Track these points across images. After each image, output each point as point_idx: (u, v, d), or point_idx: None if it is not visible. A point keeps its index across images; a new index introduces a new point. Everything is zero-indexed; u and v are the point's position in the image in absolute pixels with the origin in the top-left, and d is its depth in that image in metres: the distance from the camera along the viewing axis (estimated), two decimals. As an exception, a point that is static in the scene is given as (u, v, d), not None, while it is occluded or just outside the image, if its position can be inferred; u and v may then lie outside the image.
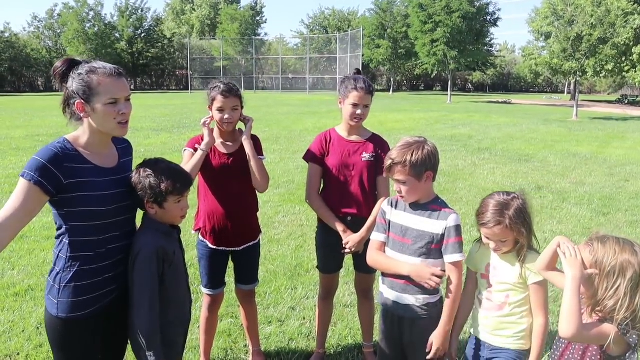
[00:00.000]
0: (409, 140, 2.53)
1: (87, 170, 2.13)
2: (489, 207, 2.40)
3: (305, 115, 24.77)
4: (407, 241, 2.55)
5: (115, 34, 65.29)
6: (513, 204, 2.37)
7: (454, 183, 9.78)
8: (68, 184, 2.06)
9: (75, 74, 2.15)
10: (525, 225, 2.36)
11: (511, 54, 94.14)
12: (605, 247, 1.97)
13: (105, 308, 2.24)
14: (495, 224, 2.35)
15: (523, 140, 16.22)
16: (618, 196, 8.90)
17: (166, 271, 2.27)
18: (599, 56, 25.00)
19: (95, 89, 2.12)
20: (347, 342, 3.90)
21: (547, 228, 6.96)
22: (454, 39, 43.21)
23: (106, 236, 2.19)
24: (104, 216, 2.16)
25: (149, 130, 17.30)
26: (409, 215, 2.58)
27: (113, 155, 2.31)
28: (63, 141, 2.15)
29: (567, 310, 1.90)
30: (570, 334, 1.90)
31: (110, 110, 2.13)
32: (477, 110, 30.72)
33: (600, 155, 13.36)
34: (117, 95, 2.14)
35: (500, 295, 2.47)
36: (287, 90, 58.95)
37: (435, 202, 2.58)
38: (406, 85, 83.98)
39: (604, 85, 75.98)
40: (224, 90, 3.04)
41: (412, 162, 2.45)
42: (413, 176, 2.48)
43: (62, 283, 2.15)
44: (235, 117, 3.10)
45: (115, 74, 2.17)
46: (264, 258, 5.68)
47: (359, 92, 3.15)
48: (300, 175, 9.99)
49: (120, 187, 2.24)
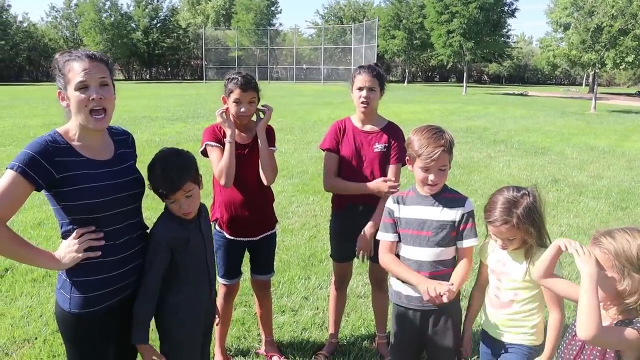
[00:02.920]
0: (434, 128, 2.49)
1: (79, 163, 2.06)
2: (497, 204, 2.33)
3: (319, 105, 24.71)
4: (427, 233, 2.50)
5: (132, 24, 65.67)
6: (522, 201, 2.29)
7: (469, 175, 9.71)
8: (61, 178, 2.00)
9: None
10: (534, 224, 2.29)
11: (528, 45, 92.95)
12: (616, 240, 1.86)
13: (121, 303, 2.21)
14: (502, 222, 2.29)
15: (539, 133, 16.03)
16: (637, 190, 8.77)
17: (178, 257, 2.32)
18: (619, 48, 24.53)
19: (67, 74, 2.03)
20: (360, 333, 3.90)
21: (564, 222, 6.88)
22: (471, 29, 42.66)
23: (110, 229, 2.13)
24: (102, 209, 2.08)
25: (163, 120, 17.39)
26: (425, 208, 2.53)
27: (108, 147, 2.22)
28: (54, 134, 2.07)
29: (585, 311, 1.76)
30: (591, 335, 1.76)
31: (79, 96, 2.01)
32: (493, 102, 30.41)
33: (619, 149, 13.17)
34: (84, 78, 2.00)
35: (509, 293, 2.42)
36: (302, 81, 58.78)
37: (446, 191, 2.55)
38: (421, 76, 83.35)
39: (624, 77, 74.83)
40: (242, 84, 3.00)
41: (452, 144, 2.47)
42: (449, 162, 2.48)
43: (73, 278, 2.11)
44: (251, 110, 3.08)
45: (86, 56, 2.04)
46: (278, 248, 5.68)
47: (362, 74, 3.16)
48: (314, 166, 9.98)
49: (118, 178, 2.15)
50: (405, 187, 2.74)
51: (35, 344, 3.68)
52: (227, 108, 3.07)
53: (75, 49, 2.19)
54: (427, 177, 2.45)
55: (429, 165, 2.42)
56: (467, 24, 42.33)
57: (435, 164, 2.41)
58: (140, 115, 18.72)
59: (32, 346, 3.65)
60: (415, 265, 2.53)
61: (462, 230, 2.48)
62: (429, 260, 2.51)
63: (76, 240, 2.06)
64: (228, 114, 3.07)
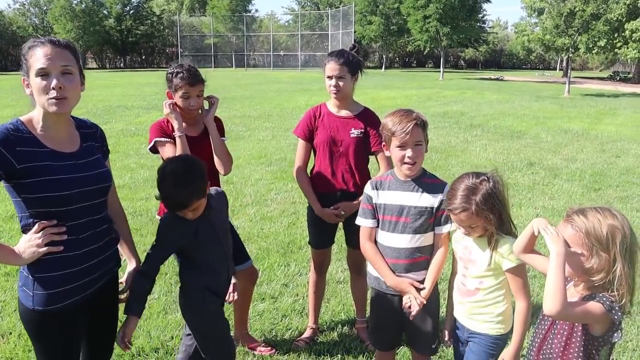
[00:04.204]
0: (408, 108, 2.50)
1: (41, 154, 1.97)
2: (457, 191, 2.27)
3: (297, 92, 24.59)
4: (405, 220, 2.47)
5: (103, 10, 64.22)
6: (481, 188, 2.23)
7: (447, 160, 9.78)
8: (22, 169, 1.91)
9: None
10: (493, 210, 2.23)
11: (504, 30, 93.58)
12: (587, 218, 1.89)
13: (87, 299, 2.15)
14: (461, 210, 2.24)
15: (515, 117, 16.21)
16: (609, 172, 8.94)
17: (189, 249, 2.45)
18: (591, 32, 24.86)
19: (29, 60, 1.95)
20: (340, 318, 3.92)
21: (539, 204, 6.98)
22: (447, 15, 42.74)
23: (73, 223, 2.04)
24: (65, 202, 1.99)
25: (139, 109, 17.13)
26: (403, 194, 2.49)
27: (73, 139, 2.13)
28: (16, 122, 1.99)
29: (552, 287, 1.82)
30: (555, 311, 1.81)
31: (40, 82, 1.93)
32: (470, 87, 30.62)
33: (592, 132, 13.39)
34: (45, 65, 1.92)
35: (474, 281, 2.39)
36: (279, 68, 58.35)
37: (425, 175, 2.53)
38: (398, 62, 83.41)
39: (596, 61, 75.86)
40: (190, 79, 2.96)
41: (426, 122, 2.47)
42: (424, 139, 2.46)
43: (35, 274, 2.03)
44: (200, 102, 3.06)
45: (49, 42, 1.96)
46: (257, 235, 5.69)
47: (329, 63, 3.15)
48: (292, 153, 9.92)
49: (82, 171, 2.06)
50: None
51: (9, 338, 3.61)
52: (174, 103, 3.01)
53: (45, 37, 2.09)
54: (404, 155, 2.42)
55: (405, 140, 2.39)
56: (443, 9, 42.38)
57: (410, 138, 2.38)
58: (115, 104, 18.40)
59: (7, 341, 3.59)
60: (393, 253, 2.51)
61: (440, 216, 2.47)
62: (407, 247, 2.48)
63: (37, 235, 1.98)
64: (175, 107, 3.01)
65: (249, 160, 9.53)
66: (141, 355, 3.41)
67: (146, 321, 3.80)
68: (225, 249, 2.57)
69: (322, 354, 3.45)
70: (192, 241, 2.42)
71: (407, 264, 2.50)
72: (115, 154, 9.59)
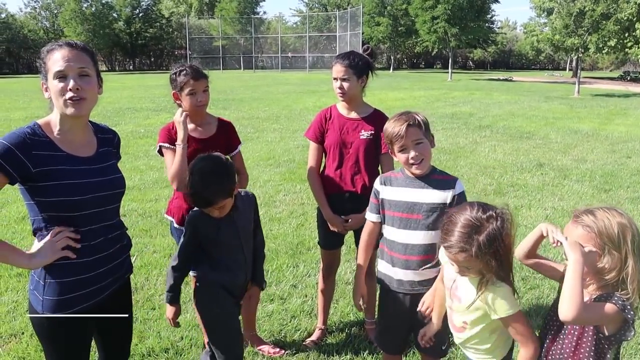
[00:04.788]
0: (402, 111, 2.50)
1: (57, 158, 1.98)
2: (456, 225, 1.95)
3: (305, 94, 24.62)
4: (417, 217, 2.45)
5: (113, 13, 64.66)
6: (487, 226, 1.92)
7: (455, 161, 9.75)
8: (37, 173, 1.92)
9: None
10: (496, 255, 1.93)
11: (512, 30, 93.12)
12: (597, 217, 1.86)
13: (98, 305, 2.14)
14: (458, 250, 1.94)
15: (524, 118, 16.13)
16: (619, 173, 8.87)
17: (207, 245, 2.53)
18: (601, 32, 24.69)
19: (47, 64, 1.98)
20: (349, 319, 3.92)
21: (549, 205, 6.95)
22: (455, 15, 42.63)
23: (86, 229, 2.04)
24: (79, 207, 2.00)
25: (148, 111, 17.23)
26: (413, 190, 2.47)
27: (90, 144, 2.14)
28: (33, 125, 2.00)
29: (570, 294, 1.78)
30: (572, 317, 1.77)
31: (57, 85, 1.95)
32: (478, 88, 30.50)
33: (602, 132, 13.29)
34: (62, 68, 1.94)
35: (458, 318, 2.19)
36: (287, 69, 58.43)
37: (434, 172, 2.51)
38: (406, 63, 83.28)
39: (606, 61, 75.37)
40: (194, 75, 2.98)
41: (423, 120, 2.44)
42: (426, 136, 2.43)
43: (46, 279, 2.03)
44: (206, 99, 3.06)
45: (66, 45, 1.99)
46: (266, 237, 5.67)
47: (335, 65, 3.18)
48: (300, 154, 9.96)
49: (97, 176, 2.07)
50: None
51: (22, 338, 3.65)
52: (186, 113, 3.01)
53: (56, 39, 2.10)
54: (407, 157, 2.41)
55: (403, 143, 2.39)
56: (451, 10, 42.28)
57: (407, 139, 2.38)
58: (125, 106, 18.52)
59: (19, 341, 3.62)
60: (404, 249, 2.48)
61: None
62: (420, 243, 2.45)
63: (53, 239, 1.98)
64: (187, 119, 3.02)
65: (257, 161, 9.55)
66: (151, 356, 3.43)
67: (156, 322, 3.82)
68: (246, 251, 2.59)
69: (330, 355, 3.45)
70: (213, 239, 2.48)
71: (420, 260, 2.46)
72: (124, 156, 9.59)
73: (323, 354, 3.46)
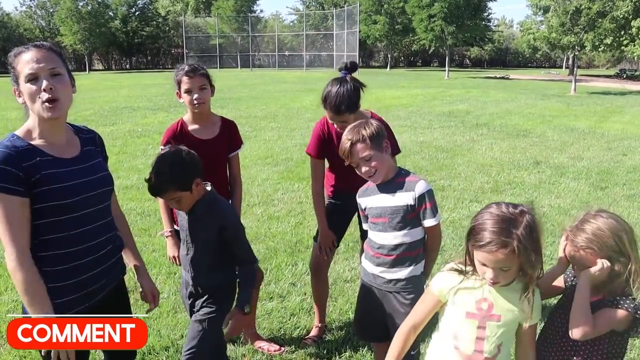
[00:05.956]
0: (355, 123, 2.55)
1: (44, 163, 1.93)
2: (487, 224, 1.82)
3: (302, 92, 24.62)
4: (384, 220, 2.55)
5: (109, 12, 64.32)
6: (521, 219, 1.81)
7: (452, 159, 9.79)
8: (32, 182, 1.89)
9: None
10: (537, 249, 1.82)
11: (509, 28, 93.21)
12: (590, 234, 1.91)
13: (93, 308, 2.11)
14: (499, 245, 1.77)
15: (521, 116, 16.18)
16: (616, 170, 8.92)
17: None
18: (597, 30, 24.81)
19: (16, 68, 1.93)
20: (348, 316, 3.94)
21: (546, 202, 6.99)
22: (452, 13, 42.64)
23: (77, 231, 2.01)
24: (69, 209, 1.97)
25: (145, 110, 17.22)
26: (380, 196, 2.57)
27: (73, 144, 2.10)
28: (12, 138, 1.95)
29: (580, 312, 1.87)
30: (585, 335, 1.87)
31: (31, 88, 1.91)
32: (475, 86, 30.56)
33: (599, 130, 13.35)
34: (33, 70, 1.89)
35: (493, 345, 1.93)
36: (284, 68, 58.38)
37: (399, 175, 2.57)
38: (403, 61, 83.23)
39: (602, 59, 75.40)
40: (188, 71, 2.99)
41: (369, 134, 2.45)
42: (376, 149, 2.46)
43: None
44: (205, 96, 3.04)
45: (33, 46, 1.94)
46: (264, 235, 5.73)
47: (328, 113, 3.08)
48: (298, 153, 9.99)
49: (86, 176, 2.05)
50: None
51: (22, 337, 3.66)
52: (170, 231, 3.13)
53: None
54: (361, 172, 2.50)
55: (352, 161, 2.49)
56: (448, 8, 42.27)
57: (353, 157, 2.46)
58: (122, 105, 18.51)
59: (20, 339, 3.64)
60: (380, 250, 2.59)
61: (419, 212, 2.51)
62: (390, 243, 2.55)
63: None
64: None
65: (255, 160, 9.57)
66: (152, 354, 3.46)
67: (156, 320, 3.85)
68: (190, 255, 2.59)
69: (330, 352, 3.48)
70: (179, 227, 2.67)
71: (392, 259, 2.56)
72: (122, 155, 9.65)
73: (322, 351, 3.49)
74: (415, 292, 2.57)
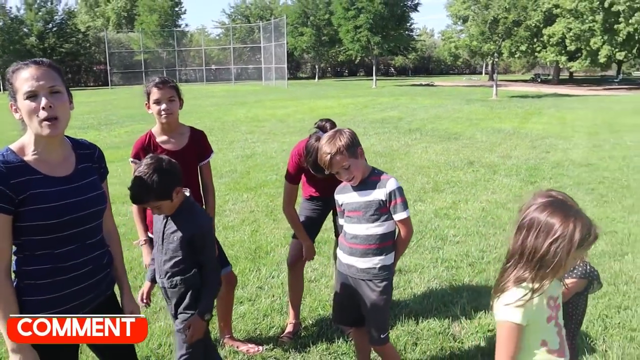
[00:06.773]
0: (329, 134, 2.76)
1: (35, 182, 1.92)
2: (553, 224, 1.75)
3: (234, 105, 24.58)
4: (359, 213, 2.79)
5: (24, 28, 61.47)
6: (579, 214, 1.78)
7: (392, 163, 10.18)
8: (19, 201, 1.88)
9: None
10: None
11: (430, 37, 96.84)
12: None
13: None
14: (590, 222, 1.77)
15: (450, 120, 16.99)
16: (542, 166, 9.64)
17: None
18: (514, 38, 26.49)
19: (14, 84, 1.93)
20: (319, 313, 4.11)
21: (484, 198, 7.46)
22: (377, 24, 44.01)
23: (64, 250, 2.00)
24: (55, 229, 1.95)
25: (75, 129, 16.62)
26: (356, 194, 2.82)
27: (68, 162, 2.08)
28: (6, 152, 1.93)
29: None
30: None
31: (29, 104, 1.89)
32: (403, 94, 31.61)
33: (522, 130, 14.27)
34: (32, 87, 1.89)
35: (562, 322, 2.00)
36: (212, 82, 57.86)
37: (372, 174, 2.83)
38: (330, 72, 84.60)
39: (518, 65, 80.00)
40: (158, 82, 3.07)
41: (345, 145, 2.69)
42: (352, 157, 2.71)
43: (21, 297, 1.97)
44: (173, 107, 3.10)
45: (32, 62, 1.95)
46: (223, 244, 5.75)
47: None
48: (241, 164, 10.07)
49: (75, 196, 2.01)
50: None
51: None
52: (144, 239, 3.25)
53: (28, 59, 2.02)
54: (342, 178, 2.78)
55: (332, 170, 2.74)
56: (373, 19, 43.64)
57: (333, 168, 2.71)
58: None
59: None
60: (354, 239, 2.82)
61: (390, 207, 2.76)
62: (364, 234, 2.79)
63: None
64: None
65: (200, 173, 9.52)
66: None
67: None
68: (163, 259, 2.63)
69: (307, 346, 3.62)
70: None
71: (364, 248, 2.80)
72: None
73: (299, 346, 3.63)
74: (387, 280, 2.83)
